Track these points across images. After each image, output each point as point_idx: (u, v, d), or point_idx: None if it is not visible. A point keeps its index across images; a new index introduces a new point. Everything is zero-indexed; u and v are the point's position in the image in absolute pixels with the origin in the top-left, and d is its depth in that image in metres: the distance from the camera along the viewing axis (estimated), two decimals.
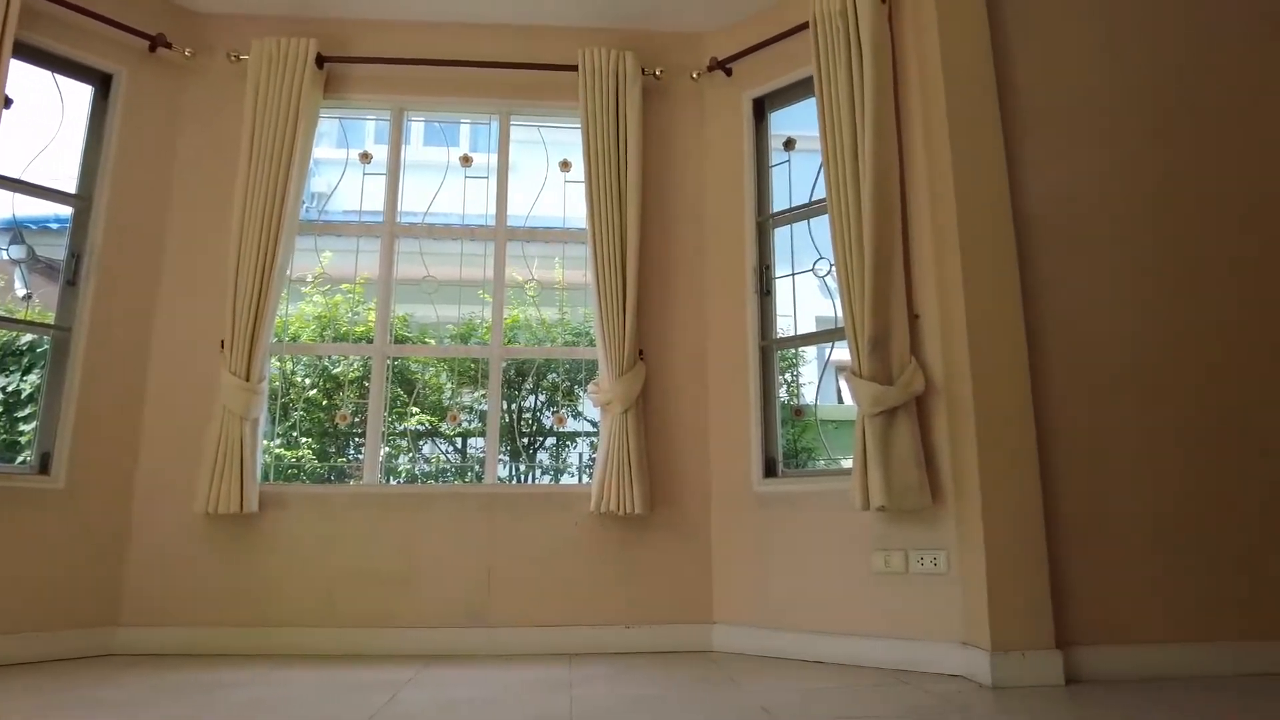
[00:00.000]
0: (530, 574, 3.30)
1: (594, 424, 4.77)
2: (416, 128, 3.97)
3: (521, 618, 3.25)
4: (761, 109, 3.68)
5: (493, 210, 3.75)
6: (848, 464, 3.45)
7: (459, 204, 3.83)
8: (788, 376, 5.08)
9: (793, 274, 3.52)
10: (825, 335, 3.41)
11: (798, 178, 3.57)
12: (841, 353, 3.53)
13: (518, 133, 3.85)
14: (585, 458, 5.06)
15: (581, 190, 3.62)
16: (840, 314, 3.22)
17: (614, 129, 3.55)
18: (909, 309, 3.00)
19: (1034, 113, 3.01)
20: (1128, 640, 2.63)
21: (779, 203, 3.58)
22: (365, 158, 3.78)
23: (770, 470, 3.33)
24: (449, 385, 4.90)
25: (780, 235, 3.55)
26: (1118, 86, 3.08)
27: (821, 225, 3.42)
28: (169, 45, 3.53)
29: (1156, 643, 2.63)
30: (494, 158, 3.80)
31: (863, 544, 2.98)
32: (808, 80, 3.46)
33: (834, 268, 3.07)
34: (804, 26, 3.35)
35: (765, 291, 3.50)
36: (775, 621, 3.13)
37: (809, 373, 5.63)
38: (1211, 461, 2.81)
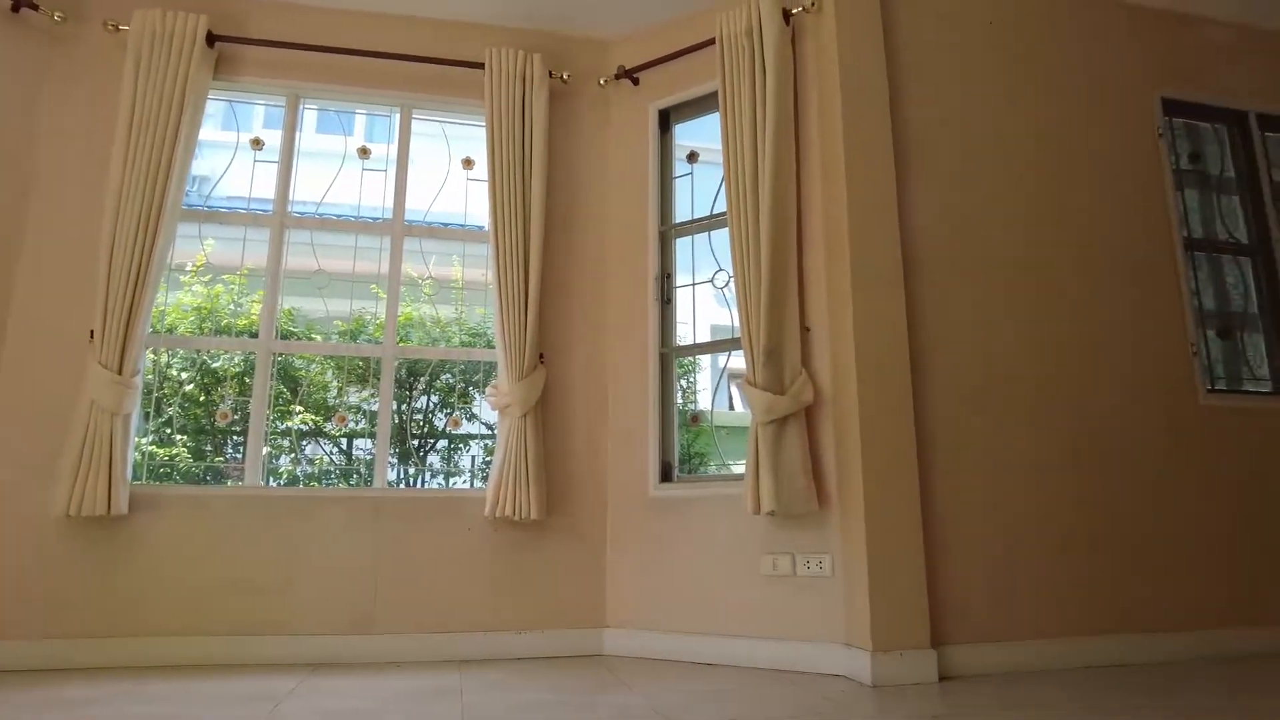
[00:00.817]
0: (420, 580, 3.23)
1: (489, 427, 4.71)
2: (309, 113, 3.82)
3: (411, 624, 3.17)
4: (667, 120, 3.74)
5: (390, 204, 3.65)
6: (738, 469, 3.55)
7: (355, 195, 3.71)
8: (683, 383, 5.17)
9: (693, 284, 3.60)
10: (723, 344, 3.49)
11: (700, 190, 3.64)
12: (736, 361, 3.62)
13: (419, 126, 3.76)
14: (478, 461, 4.99)
15: (484, 189, 3.58)
16: (737, 324, 3.31)
17: (519, 130, 3.53)
18: (801, 322, 3.12)
19: (921, 146, 3.19)
20: (994, 638, 2.82)
21: (681, 214, 3.65)
22: (257, 144, 3.60)
23: (666, 475, 3.39)
24: (335, 384, 4.73)
25: (681, 245, 3.62)
26: (993, 130, 3.31)
27: (721, 238, 3.50)
28: (34, 6, 3.26)
29: (1019, 640, 2.84)
30: (393, 149, 3.70)
31: (753, 547, 3.07)
32: (712, 95, 3.55)
33: (732, 279, 3.16)
34: (711, 42, 3.43)
35: (666, 300, 3.55)
36: (667, 625, 3.18)
37: (702, 380, 5.75)
38: (1069, 472, 3.05)
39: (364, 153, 3.72)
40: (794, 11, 3.27)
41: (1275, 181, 3.75)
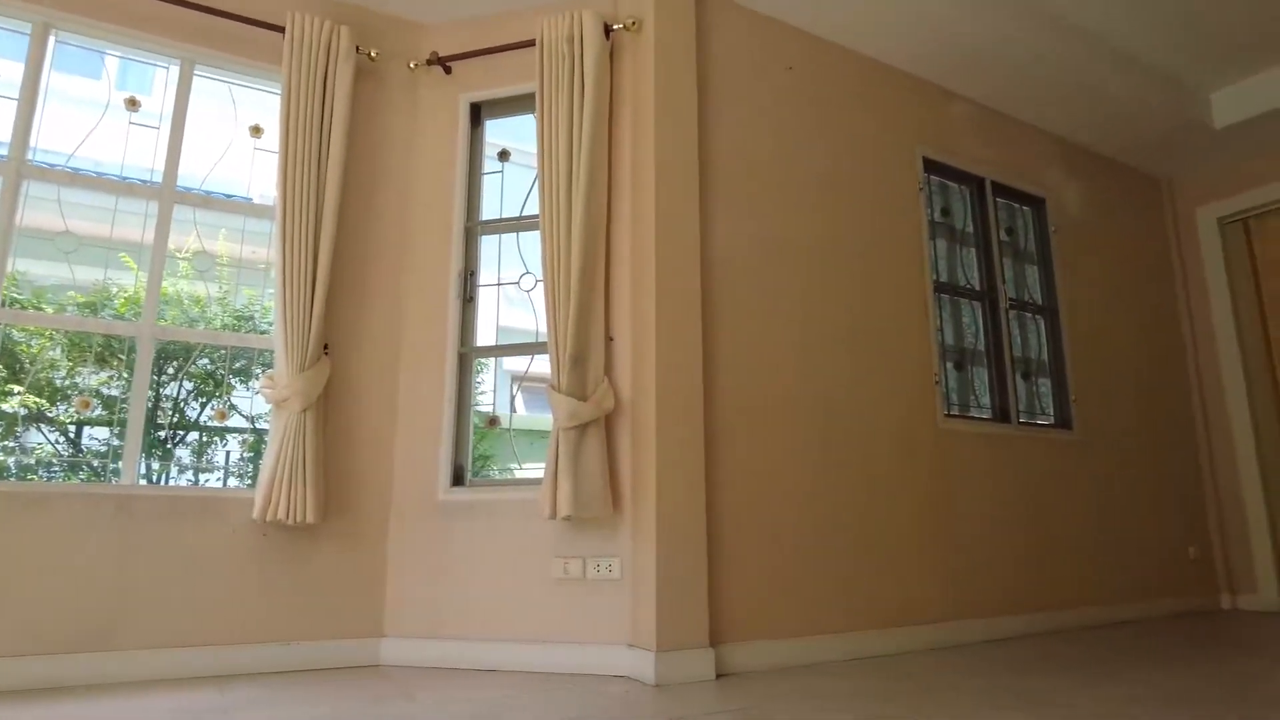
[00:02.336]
0: (176, 588, 2.89)
1: (249, 420, 4.31)
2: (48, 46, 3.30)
3: (165, 637, 2.82)
4: (479, 114, 3.66)
5: (161, 165, 3.24)
6: (522, 474, 3.55)
7: (118, 152, 3.25)
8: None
9: (498, 284, 3.54)
10: (527, 347, 3.47)
11: (510, 189, 3.60)
12: (517, 365, 3.62)
13: (201, 84, 3.38)
14: (234, 457, 4.55)
15: (273, 160, 3.29)
16: (531, 327, 3.32)
17: (319, 103, 3.28)
18: (606, 331, 3.18)
19: (723, 175, 3.39)
20: (767, 636, 3.04)
21: (489, 211, 3.59)
22: None
23: (458, 478, 3.30)
24: (65, 362, 4.10)
25: (487, 243, 3.55)
26: (785, 167, 3.59)
27: (529, 240, 3.49)
28: None
29: (789, 637, 3.08)
30: (168, 104, 3.29)
31: (544, 551, 3.07)
32: (528, 96, 3.53)
33: (539, 283, 3.15)
34: (530, 43, 3.41)
35: (468, 298, 3.47)
36: (452, 632, 3.09)
37: (487, 382, 5.66)
38: (835, 483, 3.37)
39: (132, 104, 3.27)
40: (615, 27, 3.34)
41: (1002, 239, 4.41)
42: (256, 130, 3.50)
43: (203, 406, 4.34)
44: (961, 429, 3.84)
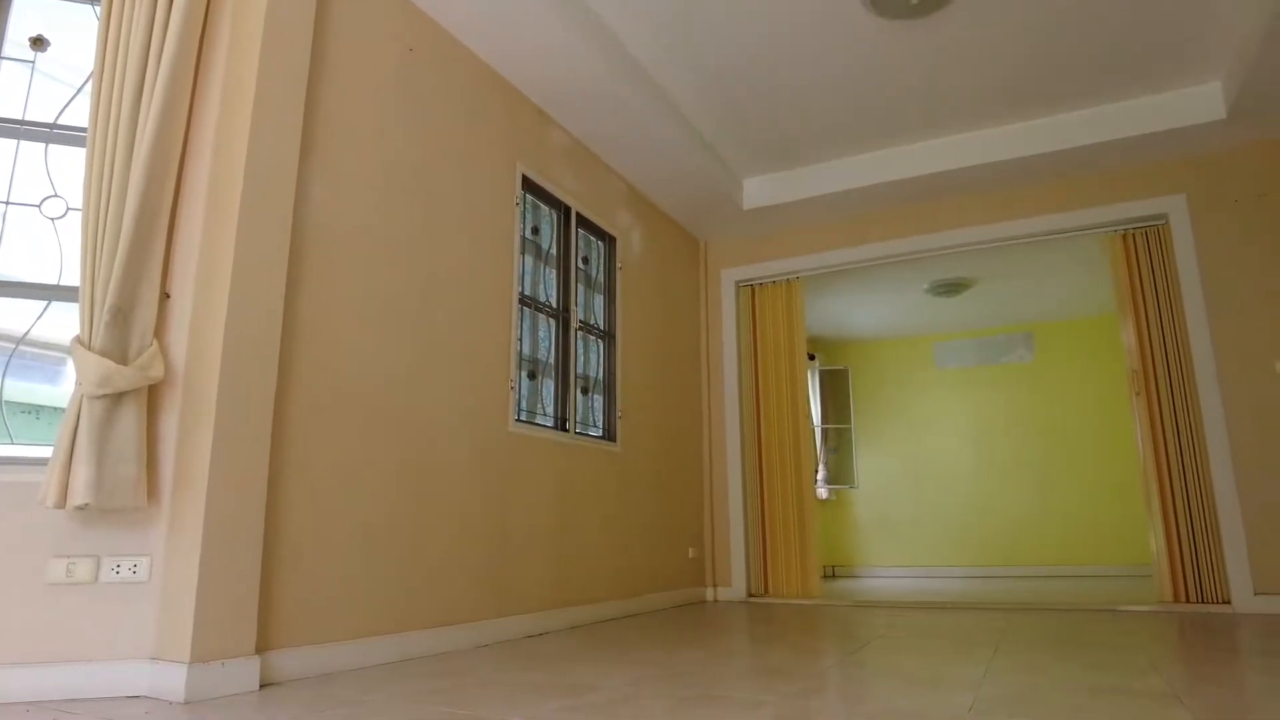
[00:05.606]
0: None
1: None
2: None
3: None
4: None
5: None
6: (19, 452, 2.81)
7: None
8: None
9: (6, 202, 2.75)
10: (47, 289, 2.74)
11: (41, 88, 2.84)
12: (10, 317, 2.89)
13: None
14: None
15: None
16: (72, 270, 2.68)
17: None
18: (162, 286, 2.68)
19: (330, 138, 3.12)
20: (320, 640, 2.80)
21: (7, 109, 2.78)
22: None
23: None
24: None
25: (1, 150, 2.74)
26: (394, 153, 3.45)
27: (65, 157, 2.79)
28: None
29: (347, 639, 2.89)
30: None
31: (40, 550, 2.44)
32: None
33: (72, 212, 2.53)
34: None
35: None
36: None
37: None
38: (408, 483, 3.28)
39: None
40: None
41: (579, 266, 4.78)
42: None
43: None
44: (528, 434, 4.04)
